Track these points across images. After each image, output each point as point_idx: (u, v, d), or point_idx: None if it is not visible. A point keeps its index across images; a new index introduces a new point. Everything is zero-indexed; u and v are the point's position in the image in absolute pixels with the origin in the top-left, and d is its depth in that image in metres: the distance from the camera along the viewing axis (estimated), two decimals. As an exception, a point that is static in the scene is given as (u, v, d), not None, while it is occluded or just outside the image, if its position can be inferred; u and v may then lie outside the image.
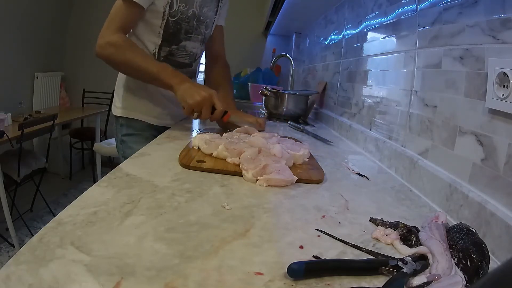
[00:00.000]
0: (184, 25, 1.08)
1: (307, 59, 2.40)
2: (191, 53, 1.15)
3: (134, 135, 1.15)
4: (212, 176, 0.65)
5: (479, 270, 0.39)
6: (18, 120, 2.45)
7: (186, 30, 1.09)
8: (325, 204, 0.58)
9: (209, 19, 1.15)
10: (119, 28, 0.97)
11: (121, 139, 1.17)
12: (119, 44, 0.96)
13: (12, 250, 2.11)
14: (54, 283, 0.30)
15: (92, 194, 0.51)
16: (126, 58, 0.96)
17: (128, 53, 0.96)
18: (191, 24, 1.09)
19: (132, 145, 1.13)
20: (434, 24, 0.75)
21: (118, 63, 1.00)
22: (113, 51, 0.96)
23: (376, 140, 0.98)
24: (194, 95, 0.92)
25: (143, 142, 1.08)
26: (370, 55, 1.16)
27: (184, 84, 0.94)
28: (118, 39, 0.96)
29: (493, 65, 0.54)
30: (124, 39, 0.97)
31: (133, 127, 1.15)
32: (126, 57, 0.96)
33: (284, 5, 1.96)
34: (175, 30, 1.07)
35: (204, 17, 1.13)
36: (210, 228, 0.44)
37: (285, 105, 1.60)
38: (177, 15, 1.05)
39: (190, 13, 1.07)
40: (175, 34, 1.08)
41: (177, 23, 1.06)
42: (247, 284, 0.34)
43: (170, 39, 1.08)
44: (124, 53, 0.96)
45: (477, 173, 0.57)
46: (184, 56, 1.14)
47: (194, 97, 0.92)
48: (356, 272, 0.38)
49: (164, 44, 1.08)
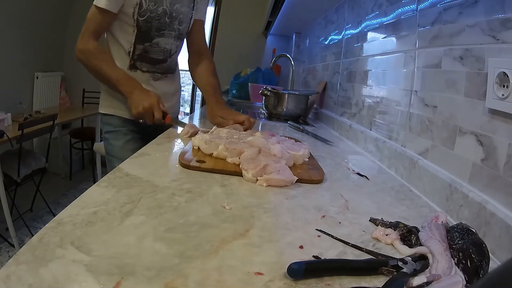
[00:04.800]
0: (155, 23, 1.11)
1: (307, 59, 2.40)
2: (165, 49, 1.18)
3: (113, 132, 1.21)
4: (212, 176, 0.65)
5: (479, 270, 0.39)
6: (18, 120, 2.46)
7: (157, 28, 1.12)
8: (325, 204, 0.58)
9: (183, 14, 1.18)
10: (92, 34, 1.06)
11: (104, 137, 1.25)
12: (90, 52, 1.06)
13: (12, 250, 2.11)
14: (54, 283, 0.30)
15: (92, 194, 0.51)
16: (93, 65, 1.07)
17: (96, 61, 1.07)
18: (162, 21, 1.12)
19: (112, 141, 1.20)
20: (434, 24, 0.75)
21: (89, 69, 1.10)
22: (85, 58, 1.07)
23: (376, 140, 0.98)
24: (138, 106, 1.03)
25: (122, 138, 1.18)
26: (370, 55, 1.16)
27: (132, 94, 1.05)
28: (90, 46, 1.06)
29: (493, 65, 0.54)
30: (95, 46, 1.07)
31: (112, 124, 1.21)
32: (95, 65, 1.07)
33: (284, 5, 1.97)
34: (146, 28, 1.11)
35: (177, 13, 1.15)
36: (210, 228, 0.44)
37: (285, 105, 1.60)
38: (146, 14, 1.08)
39: (160, 11, 1.10)
40: (147, 32, 1.11)
41: (147, 21, 1.10)
42: (247, 284, 0.34)
43: (142, 37, 1.12)
44: (92, 60, 1.07)
45: (477, 173, 0.57)
46: (158, 52, 1.17)
47: (138, 107, 1.03)
48: (356, 272, 0.38)
49: (137, 42, 1.12)
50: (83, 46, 1.06)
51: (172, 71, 1.27)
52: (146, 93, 1.06)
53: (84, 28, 1.07)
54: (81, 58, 1.07)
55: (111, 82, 1.07)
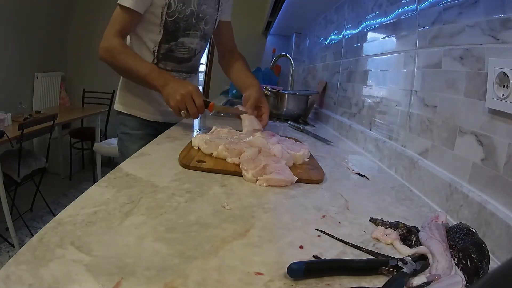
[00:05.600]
0: (183, 24, 1.11)
1: (307, 59, 2.40)
2: (190, 49, 1.19)
3: (129, 134, 1.22)
4: (212, 176, 0.65)
5: (479, 270, 0.39)
6: (18, 120, 2.45)
7: (184, 28, 1.13)
8: (325, 204, 0.58)
9: (209, 15, 1.18)
10: (117, 33, 1.03)
11: (119, 136, 1.25)
12: (115, 49, 1.03)
13: (12, 250, 2.11)
14: (54, 283, 0.30)
15: (92, 194, 0.51)
16: (120, 62, 1.04)
17: (122, 57, 1.03)
18: (190, 21, 1.13)
19: (127, 144, 1.21)
20: (434, 24, 0.75)
21: (115, 67, 1.07)
22: (109, 56, 1.04)
23: (376, 140, 0.98)
24: (174, 95, 0.96)
25: (137, 142, 1.17)
26: (370, 55, 1.16)
27: (166, 86, 0.99)
28: (115, 44, 1.02)
29: (493, 65, 0.54)
30: (120, 43, 1.03)
31: (128, 126, 1.22)
32: (120, 62, 1.04)
33: (284, 5, 1.97)
34: (174, 29, 1.11)
35: (203, 14, 1.15)
36: (210, 228, 0.44)
37: (285, 105, 1.60)
38: (175, 15, 1.08)
39: (188, 11, 1.10)
40: (174, 32, 1.12)
41: (175, 22, 1.10)
42: (247, 284, 0.34)
43: (168, 37, 1.12)
44: (118, 57, 1.03)
45: (477, 173, 0.57)
46: (183, 51, 1.17)
47: (175, 97, 0.96)
48: (356, 272, 0.38)
49: (163, 42, 1.12)
50: (107, 44, 1.02)
51: (195, 71, 1.28)
52: (181, 82, 1.02)
53: (108, 28, 1.04)
54: (105, 57, 1.04)
55: (140, 77, 1.02)
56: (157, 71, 1.03)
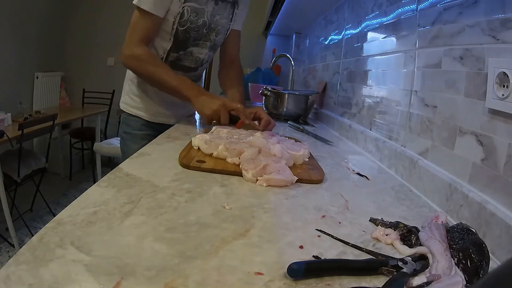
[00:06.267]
0: (193, 34, 1.11)
1: (307, 59, 2.40)
2: (198, 58, 1.19)
3: (131, 134, 1.23)
4: (212, 176, 0.65)
5: (479, 270, 0.39)
6: (18, 120, 2.45)
7: (194, 38, 1.12)
8: (325, 204, 0.58)
9: (222, 26, 1.17)
10: (141, 40, 1.03)
11: (121, 135, 1.27)
12: (142, 58, 1.03)
13: (12, 250, 2.11)
14: (54, 283, 0.30)
15: (92, 194, 0.51)
16: (148, 71, 1.05)
17: (150, 67, 1.04)
18: (201, 32, 1.12)
19: (129, 143, 1.22)
20: (434, 24, 0.75)
21: (141, 75, 1.09)
22: (136, 64, 1.05)
23: (376, 140, 0.98)
24: (210, 105, 1.02)
25: (139, 142, 1.18)
26: (370, 55, 1.16)
27: (200, 96, 1.04)
28: (140, 52, 1.03)
29: (493, 65, 0.54)
30: (146, 52, 1.04)
31: (131, 125, 1.22)
32: (149, 71, 1.05)
33: (284, 5, 1.96)
34: (184, 39, 1.10)
35: (215, 25, 1.14)
36: (210, 228, 0.44)
37: (285, 105, 1.60)
38: (186, 25, 1.08)
39: (200, 22, 1.09)
40: (184, 42, 1.11)
41: (186, 32, 1.09)
42: (247, 284, 0.34)
43: (178, 46, 1.12)
44: (146, 67, 1.04)
45: (477, 173, 0.57)
46: (190, 61, 1.18)
47: (211, 107, 1.02)
48: (356, 272, 0.38)
49: (172, 50, 1.12)
50: (131, 52, 1.03)
51: (199, 79, 1.30)
52: (213, 96, 1.06)
53: (129, 33, 1.03)
54: (131, 65, 1.06)
55: (170, 87, 1.05)
56: (189, 82, 1.06)
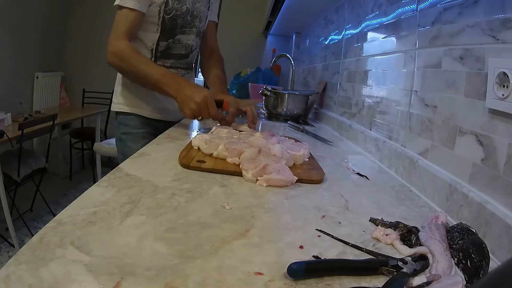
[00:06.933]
0: (180, 21, 1.14)
1: (307, 59, 2.40)
2: (187, 45, 1.21)
3: (131, 133, 1.20)
4: (212, 176, 0.65)
5: (479, 270, 0.39)
6: (18, 120, 2.45)
7: (181, 25, 1.15)
8: (325, 204, 0.58)
9: (202, 13, 1.22)
10: (123, 35, 1.02)
11: (120, 137, 1.22)
12: (124, 53, 1.01)
13: (12, 250, 2.11)
14: (54, 283, 0.30)
15: (92, 194, 0.51)
16: (129, 66, 1.02)
17: (132, 61, 1.02)
18: (186, 19, 1.15)
19: (129, 143, 1.19)
20: (434, 24, 0.75)
21: (124, 71, 1.08)
22: (116, 60, 1.02)
23: (376, 140, 0.98)
24: (189, 104, 0.96)
25: (140, 141, 1.16)
26: (370, 55, 1.16)
27: (181, 93, 0.98)
28: (122, 47, 1.01)
29: (493, 65, 0.54)
30: (128, 46, 1.02)
31: (130, 125, 1.20)
32: (130, 66, 1.02)
33: (284, 5, 1.96)
34: (171, 26, 1.13)
35: (197, 12, 1.19)
36: (210, 228, 0.44)
37: (285, 105, 1.60)
38: (172, 12, 1.11)
39: (184, 9, 1.13)
40: (171, 29, 1.14)
41: (172, 19, 1.12)
42: (247, 284, 0.34)
43: (166, 35, 1.14)
44: (126, 61, 1.02)
45: (477, 173, 0.57)
46: (180, 48, 1.19)
47: (190, 106, 0.96)
48: (356, 272, 0.38)
49: (161, 39, 1.14)
50: (114, 48, 1.01)
51: (191, 68, 1.30)
52: (195, 87, 0.99)
53: (113, 31, 1.02)
54: (113, 60, 1.02)
55: (151, 82, 1.01)
56: (169, 75, 1.01)
